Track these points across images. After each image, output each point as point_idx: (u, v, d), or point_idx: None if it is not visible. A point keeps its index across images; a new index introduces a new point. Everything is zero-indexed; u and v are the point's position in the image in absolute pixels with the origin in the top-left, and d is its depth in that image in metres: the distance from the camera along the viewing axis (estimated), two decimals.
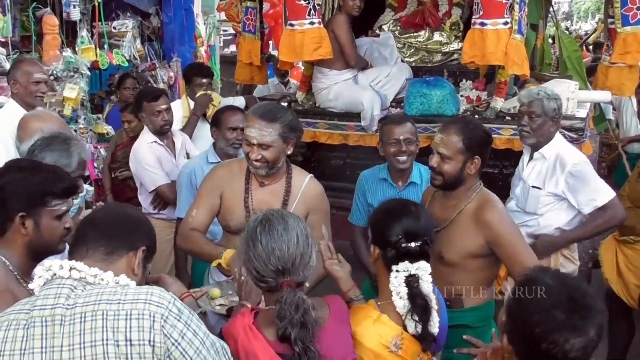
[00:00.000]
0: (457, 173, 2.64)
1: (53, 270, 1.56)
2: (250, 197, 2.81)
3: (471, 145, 2.63)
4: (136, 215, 1.86)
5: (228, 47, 11.32)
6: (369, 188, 3.51)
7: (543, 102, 3.37)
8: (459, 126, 2.66)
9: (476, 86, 4.56)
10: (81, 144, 2.64)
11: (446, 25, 4.94)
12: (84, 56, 5.43)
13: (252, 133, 2.67)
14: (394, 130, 3.35)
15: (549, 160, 3.37)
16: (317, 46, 4.34)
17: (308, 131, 4.73)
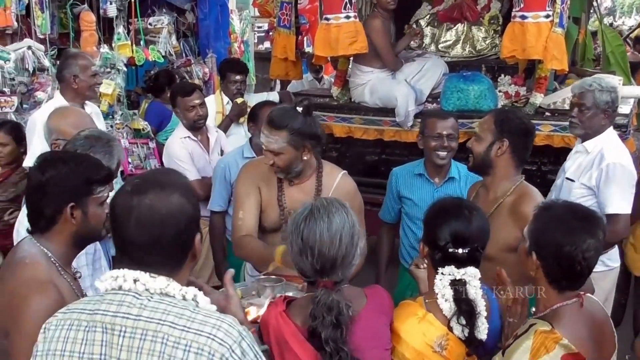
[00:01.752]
0: (484, 153, 2.69)
1: (118, 282, 1.48)
2: (283, 195, 2.79)
3: (502, 127, 2.66)
4: None
5: (262, 44, 11.33)
6: (403, 184, 3.47)
7: (595, 94, 3.25)
8: (498, 110, 2.72)
9: (515, 81, 4.46)
10: (119, 145, 2.68)
11: (485, 19, 4.86)
12: (121, 52, 5.48)
13: (262, 139, 2.69)
14: (437, 124, 3.31)
15: (592, 154, 3.27)
16: (353, 40, 4.29)
17: (343, 126, 4.70)
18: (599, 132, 3.29)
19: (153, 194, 1.47)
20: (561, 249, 1.90)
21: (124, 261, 1.49)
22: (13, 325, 1.78)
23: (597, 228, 1.95)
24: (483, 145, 2.69)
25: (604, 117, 3.26)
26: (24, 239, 1.98)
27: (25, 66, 4.74)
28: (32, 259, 1.87)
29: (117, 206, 1.49)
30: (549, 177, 4.18)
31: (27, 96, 4.73)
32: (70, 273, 1.95)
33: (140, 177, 1.57)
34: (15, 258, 1.92)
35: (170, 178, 1.56)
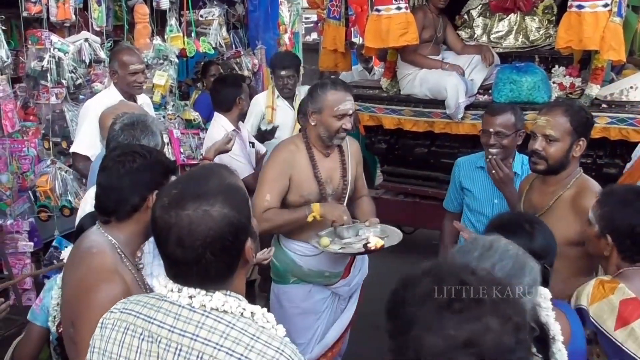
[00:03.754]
0: (564, 155, 2.61)
1: (174, 296, 1.42)
2: (318, 169, 3.11)
3: (578, 127, 2.60)
4: None
5: (310, 35, 11.36)
6: (465, 175, 3.45)
7: None
8: (565, 107, 2.63)
9: (570, 72, 4.36)
10: (154, 120, 2.73)
11: (539, 8, 4.76)
12: (173, 44, 5.57)
13: (347, 105, 3.02)
14: (487, 120, 3.27)
15: None
16: (404, 32, 4.27)
17: (393, 118, 4.69)
18: None
19: (192, 208, 1.36)
20: (634, 228, 2.12)
21: (172, 275, 1.44)
22: (79, 314, 1.81)
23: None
24: (562, 148, 2.59)
25: None
26: (92, 229, 2.03)
27: (82, 58, 4.87)
28: (99, 249, 1.92)
29: (156, 222, 1.41)
30: (605, 171, 4.10)
31: (85, 87, 4.86)
32: (134, 263, 1.99)
33: (178, 184, 1.45)
34: (82, 248, 1.96)
35: (211, 183, 1.42)
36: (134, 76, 3.99)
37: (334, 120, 3.01)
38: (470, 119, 4.40)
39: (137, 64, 4.01)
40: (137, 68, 3.99)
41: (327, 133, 3.05)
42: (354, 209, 3.33)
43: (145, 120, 2.68)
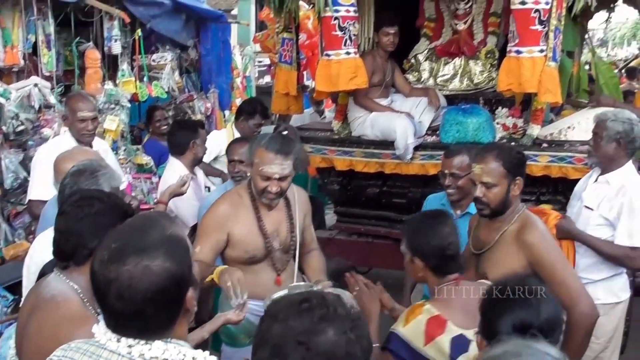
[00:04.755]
0: (504, 198, 2.71)
1: (113, 345, 1.41)
2: (263, 222, 3.00)
3: (512, 168, 2.71)
4: None
5: (263, 78, 11.50)
6: None
7: (607, 124, 3.36)
8: (496, 152, 2.74)
9: (512, 113, 4.54)
10: (110, 172, 2.68)
11: (481, 53, 4.95)
12: (125, 89, 5.60)
13: (273, 169, 2.86)
14: (443, 162, 3.45)
15: (613, 187, 3.34)
16: (353, 76, 4.39)
17: (344, 160, 4.77)
18: (614, 163, 3.37)
19: (132, 264, 1.35)
20: (430, 244, 2.36)
21: (112, 326, 1.42)
22: None
23: (447, 218, 2.46)
24: (500, 192, 2.70)
25: (616, 147, 3.34)
26: (49, 276, 2.01)
27: (31, 103, 4.83)
28: (63, 297, 1.90)
29: (95, 277, 1.39)
30: None
31: (29, 133, 4.80)
32: (95, 308, 1.98)
33: (117, 237, 1.43)
34: (44, 297, 1.93)
35: (152, 236, 1.41)
36: (83, 123, 3.94)
37: (259, 180, 2.91)
38: (419, 160, 4.52)
39: (86, 112, 3.95)
40: (85, 115, 3.94)
41: (255, 190, 2.96)
42: (304, 265, 3.23)
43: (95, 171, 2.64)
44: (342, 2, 4.28)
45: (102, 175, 2.63)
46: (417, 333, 2.25)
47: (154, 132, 6.08)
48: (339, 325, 1.31)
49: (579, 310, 2.53)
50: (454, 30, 5.11)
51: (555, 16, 3.91)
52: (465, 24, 5.07)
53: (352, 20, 4.37)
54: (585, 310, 2.54)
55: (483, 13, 5.03)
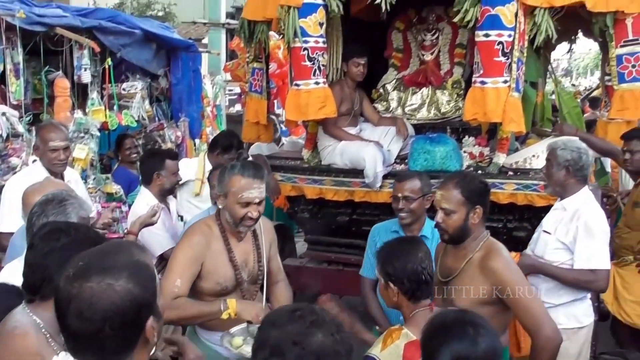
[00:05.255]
0: (462, 225, 2.78)
1: None
2: (233, 253, 2.99)
3: (471, 196, 2.79)
4: None
5: (233, 106, 11.55)
6: (380, 240, 3.58)
7: (557, 152, 3.48)
8: (456, 180, 2.83)
9: (479, 142, 4.64)
10: (79, 201, 2.66)
11: (448, 83, 5.07)
12: (94, 117, 5.58)
13: (253, 194, 2.88)
14: (396, 186, 3.56)
15: (568, 212, 3.44)
16: (322, 105, 4.45)
17: (314, 188, 4.80)
18: (567, 190, 3.47)
19: (95, 281, 1.37)
20: (405, 268, 2.44)
21: (71, 348, 1.42)
22: None
23: (421, 244, 2.58)
24: (458, 219, 2.78)
25: (566, 174, 3.45)
26: (17, 308, 1.99)
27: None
28: (22, 330, 1.89)
29: (58, 293, 1.40)
30: (515, 234, 4.34)
31: (1, 162, 4.76)
32: (60, 343, 1.97)
33: (85, 257, 1.46)
34: (6, 328, 1.93)
35: (119, 258, 1.44)
36: (54, 153, 3.92)
37: (239, 207, 2.89)
38: (388, 188, 4.56)
39: (58, 141, 3.94)
40: (57, 145, 3.92)
41: (232, 219, 2.94)
42: (270, 297, 3.21)
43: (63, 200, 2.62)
44: (311, 33, 4.36)
45: (70, 204, 2.62)
46: (394, 357, 2.28)
47: (124, 160, 6.06)
48: (327, 328, 1.58)
49: (544, 335, 2.59)
50: (421, 61, 5.24)
51: (517, 48, 4.03)
52: (432, 54, 5.20)
53: (321, 51, 4.45)
54: (550, 334, 2.60)
55: (449, 44, 5.17)
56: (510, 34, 3.99)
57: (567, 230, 3.38)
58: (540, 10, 4.07)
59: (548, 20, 4.11)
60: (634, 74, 4.40)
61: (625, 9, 4.27)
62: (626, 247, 4.37)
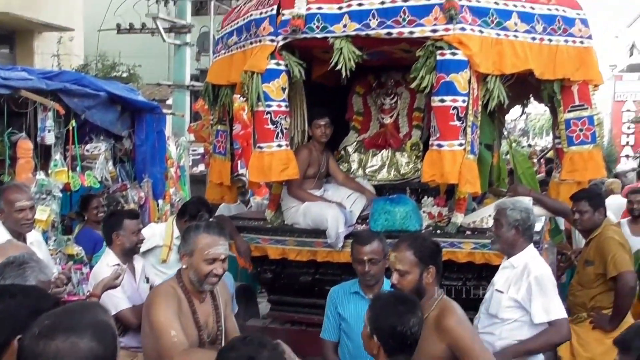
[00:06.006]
0: (416, 285, 2.88)
1: None
2: (196, 314, 3.03)
3: (423, 257, 2.90)
4: None
5: (197, 167, 11.60)
6: (340, 302, 3.64)
7: (507, 212, 3.62)
8: (409, 242, 2.94)
9: (437, 202, 4.77)
10: (40, 265, 2.66)
11: (407, 145, 5.23)
12: (57, 179, 5.57)
13: (220, 250, 2.96)
14: (359, 249, 3.57)
15: (517, 269, 3.55)
16: (285, 167, 4.54)
17: (277, 248, 4.84)
18: (516, 248, 3.60)
19: (60, 340, 1.42)
20: (395, 329, 2.46)
21: None
22: None
23: (417, 308, 2.56)
24: (412, 279, 2.89)
25: (515, 233, 3.59)
26: None
27: None
28: None
29: (23, 351, 1.45)
30: (474, 293, 4.42)
31: None
32: None
33: (51, 316, 1.52)
34: None
35: (83, 317, 1.50)
36: (21, 213, 3.93)
37: (205, 265, 2.95)
38: (350, 248, 4.63)
39: (25, 201, 3.96)
40: (23, 205, 3.93)
41: (197, 277, 2.98)
42: None
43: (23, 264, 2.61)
44: (273, 97, 4.49)
45: (29, 268, 2.62)
46: None
47: (90, 220, 6.02)
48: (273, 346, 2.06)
49: None
50: (381, 124, 5.42)
51: (472, 113, 4.22)
52: (391, 118, 5.39)
53: (284, 114, 4.57)
54: None
55: (407, 108, 5.37)
56: (465, 100, 4.18)
57: (519, 288, 3.48)
58: (492, 77, 4.30)
59: (500, 87, 4.33)
60: (581, 137, 4.65)
61: (570, 76, 4.55)
62: (580, 305, 4.51)
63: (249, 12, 4.74)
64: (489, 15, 4.29)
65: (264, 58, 4.45)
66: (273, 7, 4.49)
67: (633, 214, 5.86)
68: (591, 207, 4.53)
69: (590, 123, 4.68)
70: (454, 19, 4.12)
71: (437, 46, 4.18)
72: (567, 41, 4.55)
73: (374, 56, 4.79)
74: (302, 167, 4.80)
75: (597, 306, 4.49)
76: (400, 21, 4.24)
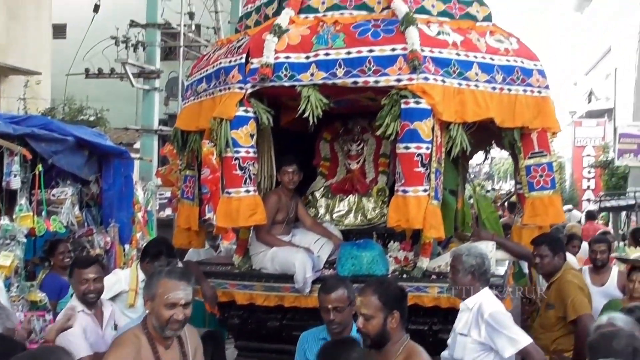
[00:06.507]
0: (381, 329, 2.93)
1: None
2: None
3: (388, 302, 2.96)
4: None
5: (164, 211, 11.54)
6: (309, 347, 3.66)
7: (462, 258, 3.72)
8: (374, 287, 3.01)
9: (403, 247, 4.83)
10: (6, 312, 2.65)
11: (373, 191, 5.33)
12: (22, 224, 5.49)
13: (179, 295, 2.95)
14: (324, 297, 3.60)
15: (473, 310, 3.63)
16: (252, 213, 4.59)
17: (245, 293, 4.84)
18: (471, 292, 3.69)
19: None
20: None
21: None
22: None
23: (354, 345, 2.81)
24: (377, 324, 2.94)
25: (471, 279, 3.69)
26: None
27: None
28: None
29: None
30: (440, 336, 4.46)
31: None
32: None
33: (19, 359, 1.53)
34: None
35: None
36: None
37: (165, 310, 2.95)
38: (317, 293, 4.65)
39: None
40: None
41: (158, 323, 2.98)
42: None
43: None
44: (242, 144, 4.56)
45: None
46: None
47: (56, 265, 5.93)
48: None
49: None
50: (348, 170, 5.52)
51: (435, 159, 4.34)
52: (358, 163, 5.50)
53: (252, 160, 4.64)
54: None
55: (374, 154, 5.49)
56: (428, 147, 4.31)
57: (480, 330, 3.55)
58: (454, 125, 4.44)
59: (462, 134, 4.47)
60: (541, 183, 4.81)
61: (529, 124, 4.73)
62: (542, 347, 4.55)
63: (219, 60, 4.84)
64: (451, 66, 4.46)
65: (233, 105, 4.53)
66: (242, 56, 4.60)
67: (596, 264, 5.87)
68: (551, 251, 4.66)
69: (550, 169, 4.85)
70: (418, 69, 4.27)
71: (401, 95, 4.32)
72: (525, 91, 4.74)
73: (341, 104, 4.92)
74: (271, 213, 4.84)
75: (559, 349, 4.57)
76: (365, 70, 4.38)
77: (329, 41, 4.48)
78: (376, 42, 4.40)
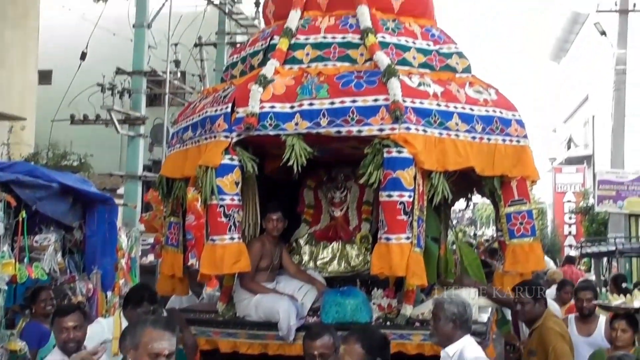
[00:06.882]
0: None
1: None
2: None
3: (371, 349, 3.05)
4: None
5: (146, 257, 11.46)
6: None
7: (444, 306, 3.77)
8: (357, 336, 3.05)
9: (387, 294, 4.85)
10: None
11: (357, 238, 5.38)
12: (3, 271, 5.45)
13: (163, 345, 2.92)
14: (309, 344, 3.63)
15: (454, 358, 3.67)
16: (237, 260, 4.61)
17: (229, 341, 4.81)
18: (452, 339, 3.73)
19: None
20: None
21: None
22: None
23: None
24: None
25: (453, 327, 3.74)
26: None
27: None
28: None
29: None
30: None
31: None
32: None
33: None
34: None
35: None
36: None
37: (148, 359, 2.92)
38: (301, 340, 4.64)
39: None
40: None
41: None
42: None
43: None
44: (227, 191, 4.60)
45: None
46: None
47: (38, 313, 5.85)
48: None
49: None
50: (332, 217, 5.57)
51: (417, 207, 4.42)
52: (342, 211, 5.56)
53: (237, 208, 4.68)
54: None
55: (357, 201, 5.56)
56: (411, 195, 4.39)
57: None
58: (436, 173, 4.54)
59: (443, 183, 4.57)
60: (522, 230, 4.89)
61: (509, 173, 4.84)
62: None
63: (204, 109, 4.93)
64: (432, 116, 4.59)
65: (219, 153, 4.60)
66: (228, 105, 4.69)
67: (582, 312, 5.68)
68: (532, 298, 4.71)
69: (530, 217, 4.94)
70: (400, 119, 4.39)
71: (384, 144, 4.42)
72: (504, 140, 4.87)
73: (325, 152, 5.01)
74: (255, 260, 4.86)
75: None
76: (349, 120, 4.49)
77: (313, 91, 4.60)
78: (359, 92, 4.52)
